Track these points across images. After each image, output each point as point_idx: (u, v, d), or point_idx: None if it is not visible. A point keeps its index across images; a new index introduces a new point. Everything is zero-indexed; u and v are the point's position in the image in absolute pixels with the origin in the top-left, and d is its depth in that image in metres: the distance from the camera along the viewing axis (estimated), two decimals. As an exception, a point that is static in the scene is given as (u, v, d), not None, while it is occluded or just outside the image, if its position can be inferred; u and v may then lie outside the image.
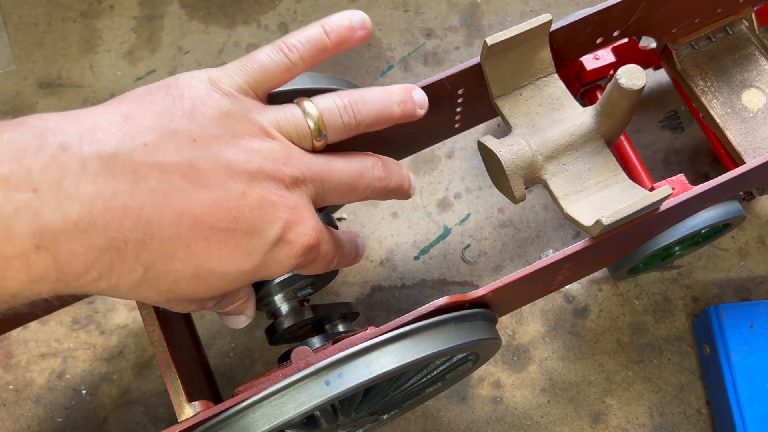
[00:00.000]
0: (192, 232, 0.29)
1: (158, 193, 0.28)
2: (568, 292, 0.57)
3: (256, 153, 0.31)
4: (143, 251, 0.28)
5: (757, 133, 0.49)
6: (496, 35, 0.40)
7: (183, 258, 0.29)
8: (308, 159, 0.33)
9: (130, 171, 0.27)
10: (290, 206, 0.32)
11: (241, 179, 0.30)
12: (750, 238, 0.58)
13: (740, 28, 0.51)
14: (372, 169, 0.36)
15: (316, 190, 0.33)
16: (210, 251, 0.30)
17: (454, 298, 0.37)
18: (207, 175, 0.29)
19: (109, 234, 0.27)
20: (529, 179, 0.42)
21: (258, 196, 0.31)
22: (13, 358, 0.55)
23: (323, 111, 0.34)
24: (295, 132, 0.33)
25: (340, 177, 0.35)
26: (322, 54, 0.35)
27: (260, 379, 0.37)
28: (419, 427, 0.54)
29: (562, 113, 0.43)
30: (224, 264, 0.30)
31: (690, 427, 0.53)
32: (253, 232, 0.31)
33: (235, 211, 0.30)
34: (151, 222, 0.28)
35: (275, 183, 0.31)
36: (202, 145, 0.30)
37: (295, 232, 0.32)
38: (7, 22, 0.65)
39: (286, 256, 0.32)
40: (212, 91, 0.31)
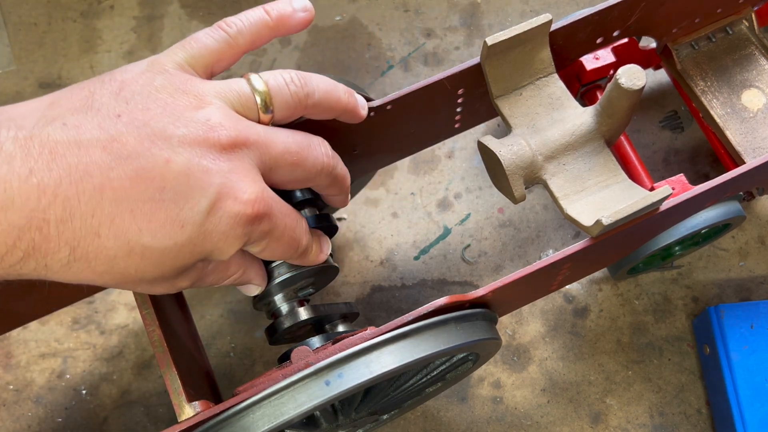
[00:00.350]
0: (115, 207, 0.28)
1: (76, 169, 0.27)
2: (568, 292, 0.57)
3: (187, 119, 0.30)
4: (65, 229, 0.27)
5: (757, 133, 0.49)
6: (496, 35, 0.40)
7: (110, 235, 0.28)
8: (248, 123, 0.32)
9: (47, 150, 0.27)
10: (225, 171, 0.30)
11: (166, 145, 0.29)
12: (750, 238, 0.58)
13: (740, 28, 0.51)
14: (319, 145, 0.35)
15: (261, 155, 0.31)
16: (138, 225, 0.28)
17: (454, 298, 0.37)
18: (130, 145, 0.28)
19: (27, 212, 0.27)
20: (529, 179, 0.42)
21: (185, 161, 0.29)
22: (13, 358, 0.55)
23: (270, 83, 0.33)
24: (239, 102, 0.32)
25: (285, 144, 0.33)
26: (265, 32, 0.34)
27: (260, 379, 0.37)
28: (419, 427, 0.54)
29: (562, 113, 0.43)
30: (157, 238, 0.29)
31: (690, 427, 0.53)
32: (182, 201, 0.29)
33: (160, 179, 0.28)
34: (69, 199, 0.27)
35: (207, 148, 0.30)
36: (127, 119, 0.29)
37: (233, 198, 0.30)
38: (7, 22, 0.65)
39: (227, 225, 0.30)
40: (145, 71, 0.31)
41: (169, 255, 0.30)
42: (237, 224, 0.30)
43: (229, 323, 0.56)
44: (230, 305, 0.57)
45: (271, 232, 0.32)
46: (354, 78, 0.63)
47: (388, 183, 0.60)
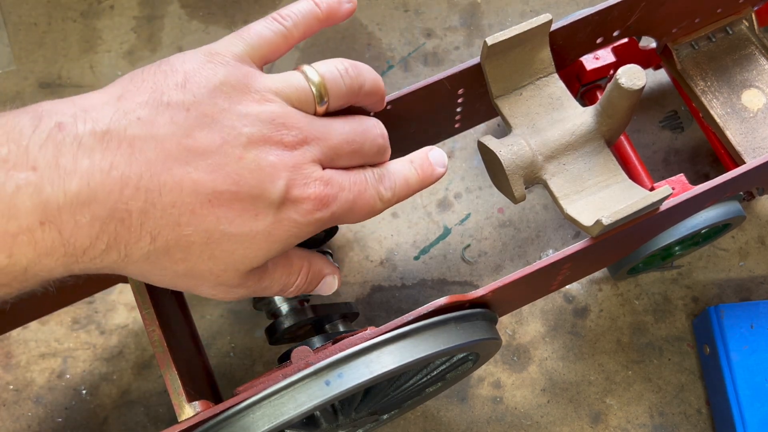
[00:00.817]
0: (194, 198, 0.29)
1: (155, 163, 0.29)
2: (568, 292, 0.57)
3: (253, 117, 0.31)
4: (147, 219, 0.29)
5: (757, 133, 0.49)
6: (496, 35, 0.40)
7: (189, 223, 0.30)
8: (308, 119, 0.33)
9: (125, 144, 0.28)
10: (291, 165, 0.32)
11: (237, 143, 0.30)
12: (750, 238, 0.58)
13: (740, 28, 0.51)
14: (374, 127, 0.37)
15: (321, 149, 0.33)
16: (217, 214, 0.30)
17: (454, 298, 0.37)
18: (203, 142, 0.30)
19: (110, 204, 0.28)
20: (529, 179, 0.42)
21: (255, 158, 0.31)
22: (13, 358, 0.55)
23: (325, 75, 0.34)
24: (296, 96, 0.33)
25: (343, 133, 0.34)
26: (315, 24, 0.35)
27: (260, 379, 0.37)
28: (419, 427, 0.54)
29: (562, 113, 0.43)
30: (234, 225, 0.31)
31: (690, 427, 0.53)
32: (256, 194, 0.31)
33: (235, 174, 0.30)
34: (150, 190, 0.28)
35: (273, 145, 0.31)
36: (197, 113, 0.30)
37: (300, 189, 0.32)
38: (7, 22, 0.65)
39: (300, 214, 0.32)
40: (206, 62, 0.32)
41: (243, 243, 0.31)
42: (308, 212, 0.32)
43: (229, 323, 0.56)
44: (230, 305, 0.57)
45: (343, 208, 0.34)
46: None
47: (388, 183, 0.60)
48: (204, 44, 0.66)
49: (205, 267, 0.31)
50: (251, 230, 0.31)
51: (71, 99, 0.30)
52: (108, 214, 0.28)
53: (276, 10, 0.35)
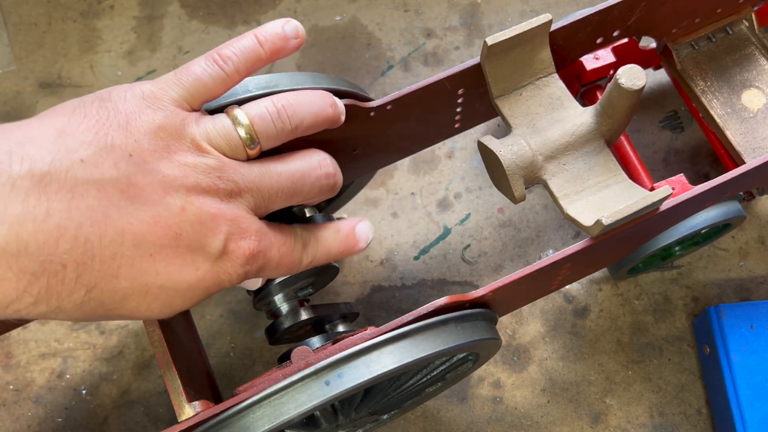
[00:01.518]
0: (136, 251, 0.29)
1: (97, 211, 0.27)
2: (568, 292, 0.57)
3: (191, 168, 0.31)
4: (84, 272, 0.27)
5: (757, 133, 0.49)
6: (496, 35, 0.40)
7: (128, 276, 0.29)
8: (243, 170, 0.33)
9: (66, 189, 0.26)
10: (229, 218, 0.32)
11: (178, 194, 0.30)
12: (750, 238, 0.58)
13: (740, 28, 0.51)
14: (318, 167, 0.36)
15: (255, 199, 0.33)
16: (156, 268, 0.30)
17: (454, 298, 0.37)
18: (145, 191, 0.29)
19: (42, 257, 0.26)
20: (529, 179, 0.42)
21: (197, 211, 0.31)
22: (13, 358, 0.55)
23: (254, 119, 0.34)
24: (226, 143, 0.33)
25: (279, 183, 0.34)
26: (257, 63, 0.34)
27: (260, 379, 0.37)
28: (419, 427, 0.54)
29: (562, 113, 0.43)
30: (173, 280, 0.30)
31: (690, 427, 0.53)
32: (197, 247, 0.31)
33: (176, 227, 0.30)
34: (90, 241, 0.27)
35: (211, 195, 0.31)
36: (138, 160, 0.29)
37: (236, 243, 0.32)
38: (7, 22, 0.65)
39: (232, 266, 0.32)
40: (146, 106, 0.31)
41: (180, 295, 0.31)
42: (239, 265, 0.33)
43: (229, 323, 0.56)
44: (230, 305, 0.57)
45: (265, 265, 0.34)
46: (354, 78, 0.63)
47: (388, 183, 0.60)
48: (204, 44, 0.67)
49: (141, 314, 0.31)
50: (189, 283, 0.31)
51: (6, 128, 0.27)
52: (39, 268, 0.26)
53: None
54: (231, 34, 0.64)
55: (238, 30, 0.64)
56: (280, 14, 0.65)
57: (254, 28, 0.64)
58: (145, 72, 0.63)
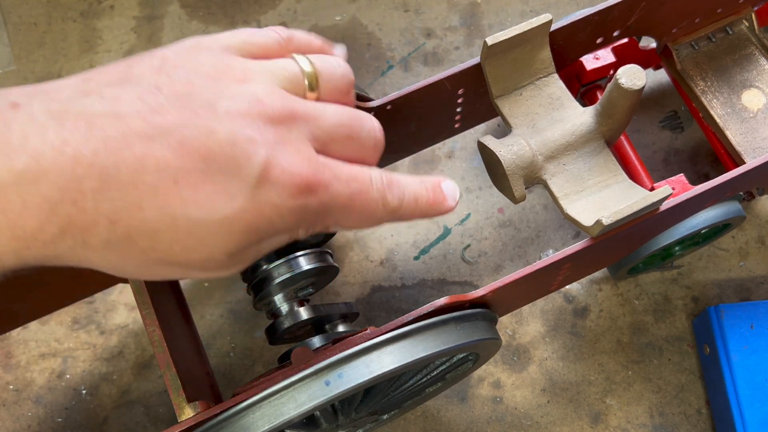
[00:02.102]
0: (157, 177, 0.26)
1: (115, 139, 0.26)
2: (568, 292, 0.57)
3: (232, 93, 0.29)
4: (102, 200, 0.26)
5: (757, 133, 0.49)
6: (496, 35, 0.40)
7: (152, 206, 0.27)
8: (296, 98, 0.31)
9: (83, 122, 0.26)
10: (272, 141, 0.28)
11: (210, 116, 0.28)
12: (750, 238, 0.58)
13: (740, 28, 0.51)
14: (370, 119, 0.34)
15: (311, 129, 0.30)
16: (183, 196, 0.27)
17: (454, 298, 0.37)
18: (171, 116, 0.27)
19: (61, 183, 0.25)
20: (529, 179, 0.42)
21: (229, 132, 0.28)
22: (13, 358, 0.55)
23: (317, 64, 0.32)
24: (287, 79, 0.31)
25: (338, 117, 0.31)
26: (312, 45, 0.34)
27: (260, 379, 0.37)
28: (419, 427, 0.54)
29: (562, 113, 0.43)
30: (203, 209, 0.27)
31: (690, 427, 0.53)
32: (229, 171, 0.27)
33: (205, 149, 0.27)
34: (107, 167, 0.26)
35: (252, 119, 0.28)
36: (169, 92, 0.28)
37: (280, 168, 0.28)
38: (7, 22, 0.65)
39: (278, 197, 0.28)
40: (190, 48, 0.30)
41: (217, 232, 0.28)
42: (288, 195, 0.29)
43: (229, 323, 0.56)
44: (230, 305, 0.57)
45: (335, 201, 0.30)
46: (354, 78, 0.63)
47: (388, 183, 0.60)
48: (204, 44, 0.66)
49: (180, 257, 0.28)
50: (224, 216, 0.28)
51: (39, 84, 0.28)
52: (59, 195, 0.25)
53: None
54: (231, 34, 0.64)
55: (238, 30, 0.64)
56: (280, 14, 0.65)
57: (254, 28, 0.64)
58: (145, 72, 0.63)
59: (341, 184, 0.30)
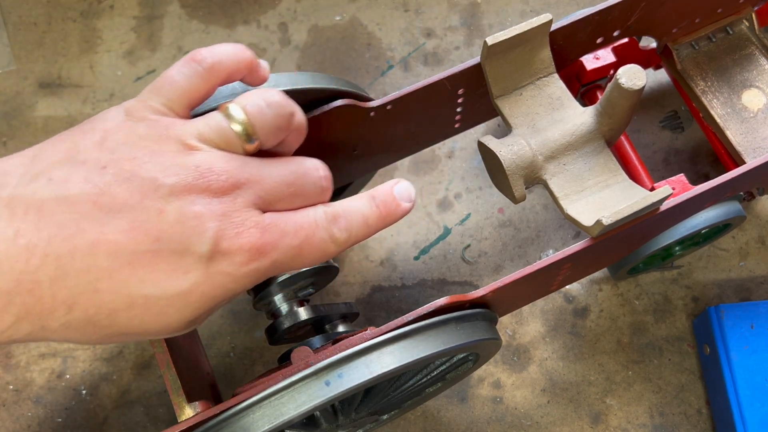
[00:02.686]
0: (111, 261, 0.27)
1: (67, 226, 0.27)
2: (568, 292, 0.57)
3: (175, 167, 0.29)
4: (59, 287, 0.27)
5: (758, 133, 0.49)
6: (497, 35, 0.40)
7: (109, 289, 0.27)
8: (239, 161, 0.30)
9: (33, 209, 0.26)
10: (219, 214, 0.29)
11: (157, 196, 0.28)
12: (750, 238, 0.58)
13: (740, 28, 0.51)
14: (316, 169, 0.33)
15: (256, 192, 0.30)
16: (138, 276, 0.28)
17: (454, 299, 0.37)
18: (121, 199, 0.28)
19: (15, 275, 0.26)
20: (529, 179, 0.42)
21: (178, 210, 0.28)
22: (13, 358, 0.55)
23: (249, 111, 0.31)
24: (220, 138, 0.31)
25: (281, 176, 0.31)
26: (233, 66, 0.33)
27: (260, 379, 0.37)
28: (419, 427, 0.54)
29: (563, 113, 0.43)
30: (159, 286, 0.28)
31: (690, 427, 0.53)
32: (181, 250, 0.28)
33: (155, 230, 0.28)
34: (61, 257, 0.26)
35: (199, 193, 0.29)
36: (114, 170, 0.28)
37: (230, 240, 0.29)
38: (7, 22, 0.65)
39: (231, 266, 0.29)
40: (125, 120, 0.30)
41: (174, 304, 0.29)
42: (242, 263, 0.29)
43: (229, 323, 0.56)
44: (230, 305, 0.57)
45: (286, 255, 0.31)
46: (354, 78, 0.63)
47: (388, 183, 0.60)
48: (204, 44, 0.67)
49: (138, 329, 0.29)
50: (180, 290, 0.28)
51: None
52: (14, 286, 0.26)
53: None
54: (231, 33, 0.64)
55: (238, 30, 0.64)
56: (279, 14, 0.65)
57: (254, 28, 0.65)
58: (145, 72, 0.63)
59: (288, 237, 0.31)
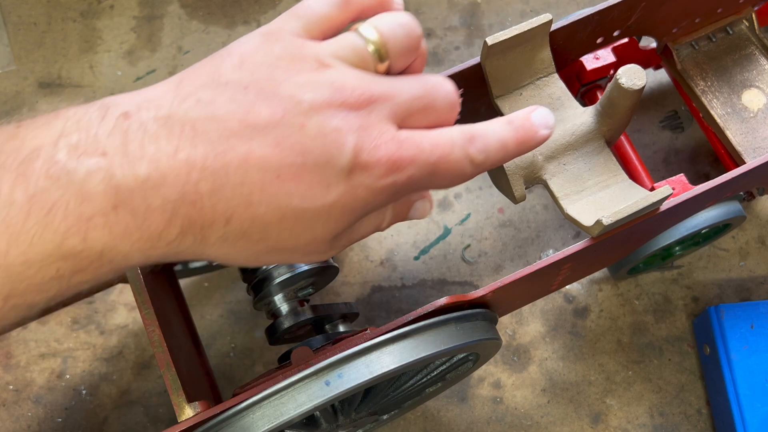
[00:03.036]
0: (262, 174, 0.29)
1: (218, 143, 0.29)
2: (568, 292, 0.57)
3: (312, 84, 0.30)
4: (218, 201, 0.29)
5: (757, 133, 0.49)
6: (497, 35, 0.40)
7: (261, 201, 0.29)
8: (371, 78, 0.32)
9: (188, 127, 0.29)
10: (356, 128, 0.30)
11: (298, 112, 0.30)
12: (750, 238, 0.58)
13: (740, 28, 0.51)
14: (445, 82, 0.34)
15: (390, 107, 0.32)
16: (287, 189, 0.29)
17: (454, 299, 0.37)
18: (263, 116, 0.29)
19: (179, 187, 0.28)
20: (529, 179, 0.42)
21: (318, 125, 0.30)
22: (13, 358, 0.55)
23: (383, 31, 0.32)
24: (355, 57, 0.32)
25: (412, 90, 0.32)
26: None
27: (260, 379, 0.37)
28: (419, 427, 0.54)
29: (563, 113, 0.43)
30: (306, 199, 0.30)
31: (690, 427, 0.53)
32: (323, 163, 0.30)
33: (299, 145, 0.30)
34: (217, 171, 0.29)
35: (336, 109, 0.30)
36: (255, 90, 0.30)
37: (368, 153, 0.30)
38: (7, 22, 0.65)
39: (370, 179, 0.31)
40: (262, 42, 0.32)
41: (320, 217, 0.31)
42: (379, 177, 0.31)
43: (229, 323, 0.56)
44: (230, 305, 0.57)
45: (422, 171, 0.32)
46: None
47: (388, 183, 0.60)
48: (204, 44, 0.67)
49: (288, 243, 0.31)
50: (324, 203, 0.30)
51: (136, 92, 0.30)
52: (178, 197, 0.28)
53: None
54: (231, 33, 0.64)
55: (237, 30, 0.64)
56: (279, 14, 0.65)
57: (254, 28, 0.64)
58: (144, 72, 0.63)
59: (425, 154, 0.32)
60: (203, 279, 0.58)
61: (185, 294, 0.54)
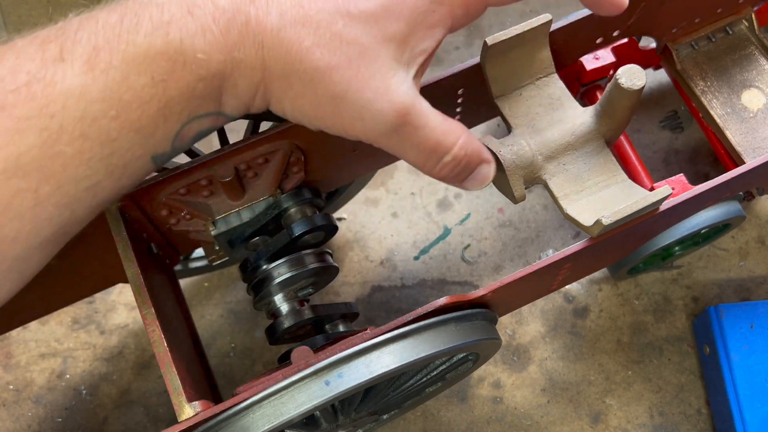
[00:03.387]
0: (331, 17, 0.31)
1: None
2: (568, 292, 0.57)
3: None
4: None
5: (757, 133, 0.49)
6: (496, 35, 0.40)
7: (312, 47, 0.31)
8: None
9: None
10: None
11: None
12: (750, 238, 0.58)
13: (740, 28, 0.51)
14: None
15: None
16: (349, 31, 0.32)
17: (454, 299, 0.37)
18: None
19: (235, 5, 0.31)
20: (529, 179, 0.42)
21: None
22: (13, 358, 0.55)
23: None
24: None
25: None
26: None
27: (260, 379, 0.37)
28: (419, 427, 0.54)
29: (562, 113, 0.43)
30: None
31: (690, 427, 0.53)
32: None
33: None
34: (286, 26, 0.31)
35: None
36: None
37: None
38: (7, 22, 0.65)
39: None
40: None
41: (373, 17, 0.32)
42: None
43: (229, 323, 0.56)
44: (230, 305, 0.57)
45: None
46: None
47: (388, 183, 0.60)
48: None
49: (355, 84, 0.32)
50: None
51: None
52: (232, 15, 0.31)
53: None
54: (231, 34, 0.64)
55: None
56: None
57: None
58: (145, 72, 0.63)
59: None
60: (203, 279, 0.58)
61: (185, 294, 0.54)
